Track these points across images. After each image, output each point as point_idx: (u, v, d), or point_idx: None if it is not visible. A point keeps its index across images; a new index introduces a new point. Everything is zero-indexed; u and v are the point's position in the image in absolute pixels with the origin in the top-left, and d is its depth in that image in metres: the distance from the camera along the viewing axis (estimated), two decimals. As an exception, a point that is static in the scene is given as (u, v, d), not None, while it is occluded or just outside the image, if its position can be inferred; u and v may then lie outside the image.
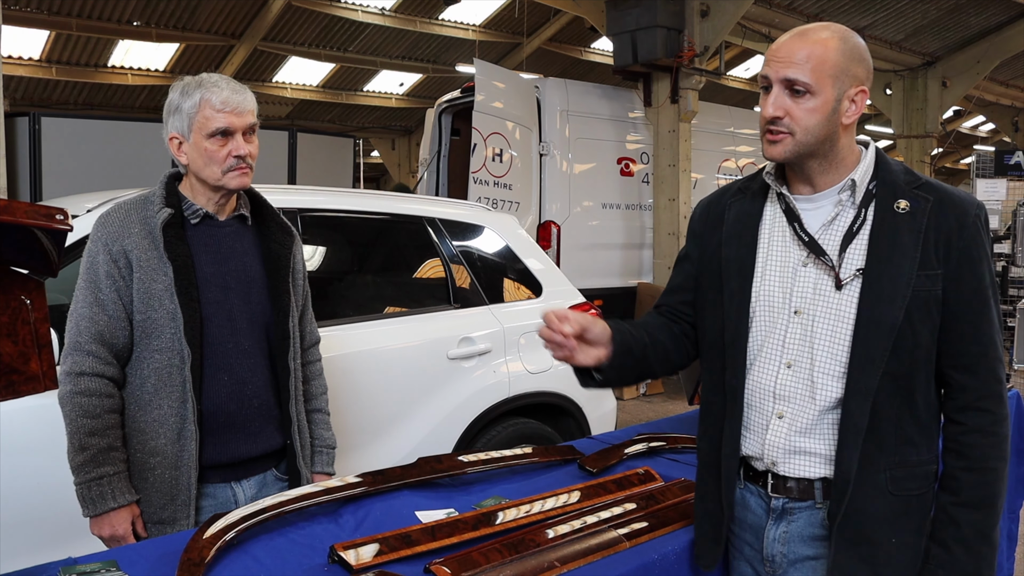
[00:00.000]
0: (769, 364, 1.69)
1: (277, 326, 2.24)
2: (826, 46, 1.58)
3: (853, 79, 1.59)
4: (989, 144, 22.46)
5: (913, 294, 1.55)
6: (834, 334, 1.61)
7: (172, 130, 2.15)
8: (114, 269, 2.08)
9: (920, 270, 1.56)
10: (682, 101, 8.97)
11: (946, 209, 1.57)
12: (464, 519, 1.93)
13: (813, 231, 1.65)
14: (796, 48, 1.59)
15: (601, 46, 14.73)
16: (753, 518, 1.76)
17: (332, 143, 10.03)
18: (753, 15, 10.42)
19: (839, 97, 1.59)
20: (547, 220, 8.08)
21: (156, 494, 2.11)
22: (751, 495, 1.75)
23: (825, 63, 1.57)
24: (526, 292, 4.08)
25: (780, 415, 1.67)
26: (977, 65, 13.46)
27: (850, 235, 1.62)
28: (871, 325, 1.57)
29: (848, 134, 1.64)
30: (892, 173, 1.64)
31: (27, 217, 1.30)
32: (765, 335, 1.69)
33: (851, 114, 1.60)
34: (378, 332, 3.53)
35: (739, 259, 1.73)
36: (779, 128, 1.60)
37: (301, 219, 3.36)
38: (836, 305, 1.61)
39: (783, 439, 1.66)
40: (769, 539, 1.72)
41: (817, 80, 1.57)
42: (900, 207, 1.59)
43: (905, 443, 1.60)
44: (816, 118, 1.58)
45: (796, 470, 1.66)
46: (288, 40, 13.52)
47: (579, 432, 3.97)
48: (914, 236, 1.57)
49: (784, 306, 1.67)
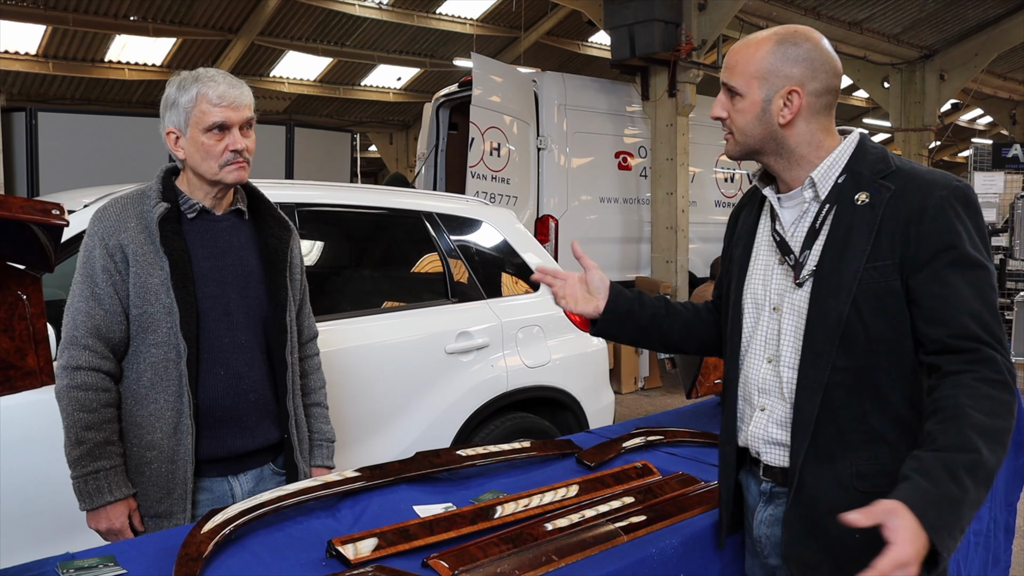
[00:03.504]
0: (755, 359, 1.76)
1: (274, 320, 2.24)
2: (757, 49, 1.63)
3: (785, 80, 1.61)
4: (987, 137, 22.46)
5: (860, 287, 1.55)
6: (796, 330, 1.65)
7: (169, 125, 2.14)
8: (110, 263, 2.08)
9: (869, 262, 1.55)
10: (680, 95, 8.96)
11: (907, 196, 1.55)
12: (462, 513, 1.93)
13: (786, 229, 1.70)
14: (732, 53, 1.68)
15: (599, 40, 14.71)
16: (752, 501, 1.82)
17: (330, 137, 10.00)
18: (750, 8, 10.42)
19: (768, 98, 1.62)
20: (545, 214, 8.08)
21: (153, 488, 2.11)
22: (752, 480, 1.81)
23: (751, 66, 1.63)
24: (524, 286, 4.08)
25: (762, 408, 1.73)
26: (975, 58, 13.47)
27: (813, 232, 1.64)
28: (817, 319, 1.60)
29: (795, 132, 1.64)
30: (862, 164, 1.63)
31: (23, 212, 1.30)
32: (752, 332, 1.76)
33: (786, 114, 1.62)
34: (376, 327, 3.52)
35: (740, 259, 1.81)
36: (725, 129, 1.71)
37: (299, 214, 3.35)
38: (798, 302, 1.65)
39: (762, 430, 1.73)
40: (757, 521, 1.79)
41: (745, 83, 1.64)
42: (860, 200, 1.59)
43: (875, 440, 1.59)
44: (746, 118, 1.65)
45: (775, 460, 1.72)
46: (285, 34, 13.50)
47: (577, 426, 3.98)
48: (868, 228, 1.56)
49: (765, 303, 1.74)
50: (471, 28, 13.83)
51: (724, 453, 1.85)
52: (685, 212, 9.16)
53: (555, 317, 4.04)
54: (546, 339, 3.97)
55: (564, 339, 4.04)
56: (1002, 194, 9.72)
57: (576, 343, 4.09)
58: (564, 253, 7.86)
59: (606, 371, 4.31)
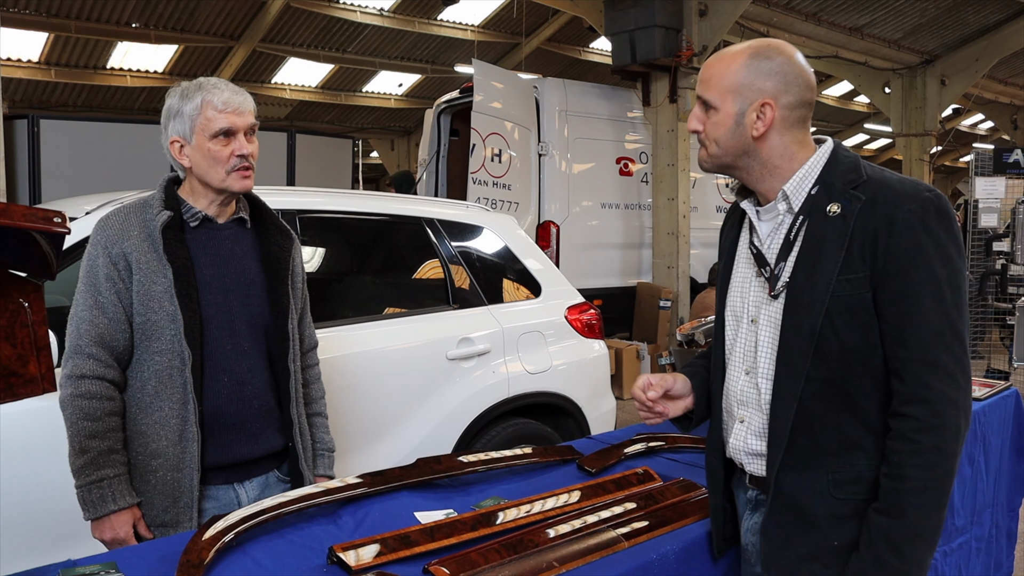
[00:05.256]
0: (734, 371, 1.77)
1: (276, 328, 2.25)
2: (730, 63, 1.64)
3: (758, 93, 1.61)
4: (988, 142, 22.46)
5: (833, 299, 1.55)
6: (772, 342, 1.66)
7: (173, 134, 2.15)
8: (114, 272, 2.09)
9: (841, 275, 1.55)
10: (681, 100, 8.97)
11: (877, 207, 1.55)
12: (463, 520, 1.93)
13: (763, 241, 1.71)
14: (707, 67, 1.69)
15: (599, 46, 14.72)
16: (741, 509, 1.84)
17: (331, 144, 10.02)
18: (751, 14, 10.43)
19: (742, 111, 1.62)
20: (546, 220, 8.08)
21: (158, 496, 2.11)
22: (740, 489, 1.83)
23: (724, 79, 1.64)
24: (525, 292, 4.08)
25: (741, 419, 1.74)
26: (976, 63, 13.47)
27: (787, 244, 1.65)
28: (791, 332, 1.61)
29: (768, 145, 1.64)
30: (834, 174, 1.62)
31: (24, 220, 1.30)
32: (732, 343, 1.78)
33: (760, 126, 1.62)
34: (377, 333, 3.53)
35: (722, 272, 1.83)
36: (700, 141, 1.71)
37: (300, 220, 3.36)
38: (773, 314, 1.66)
39: (742, 442, 1.74)
40: (744, 529, 1.82)
41: (719, 96, 1.64)
42: (831, 211, 1.59)
43: (851, 448, 1.60)
44: (720, 131, 1.66)
45: (757, 470, 1.73)
46: (287, 41, 13.51)
47: (578, 432, 3.98)
48: (839, 240, 1.56)
49: (743, 315, 1.75)
50: (472, 34, 13.85)
51: (711, 465, 1.86)
52: (686, 218, 9.16)
53: (556, 323, 4.04)
54: (547, 345, 3.96)
55: (565, 345, 4.04)
56: (1003, 199, 9.70)
57: (577, 349, 4.09)
58: (565, 259, 7.86)
59: (607, 377, 4.31)
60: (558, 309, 4.11)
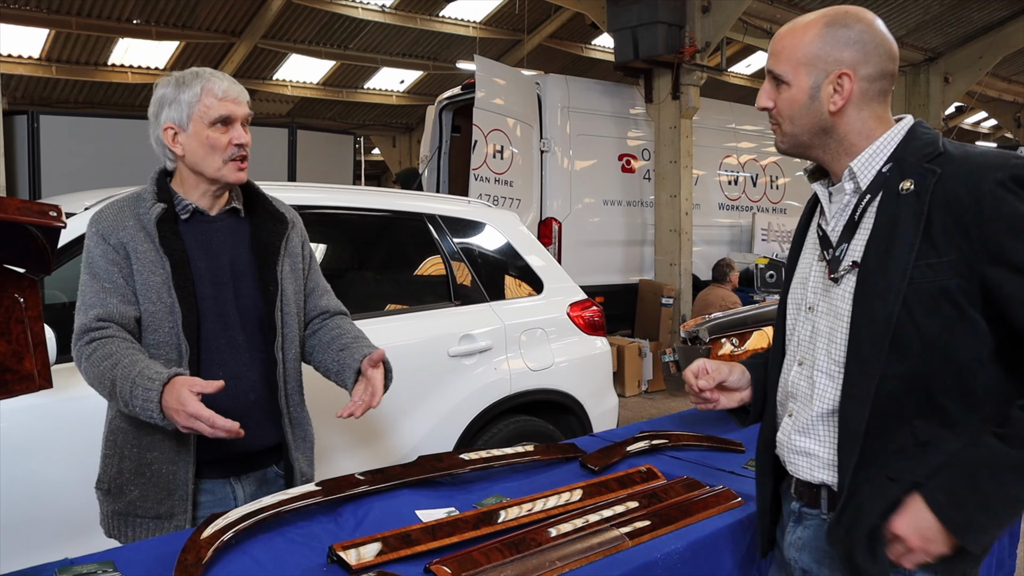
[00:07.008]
0: (788, 361, 1.68)
1: (268, 318, 2.22)
2: (804, 33, 1.54)
3: (835, 64, 1.50)
4: (991, 140, 22.42)
5: (911, 287, 1.41)
6: (832, 332, 1.54)
7: (167, 121, 2.13)
8: (116, 256, 2.07)
9: (920, 259, 1.40)
10: (683, 97, 8.96)
11: (956, 182, 1.40)
12: (465, 518, 1.91)
13: (829, 223, 1.60)
14: (778, 39, 1.58)
15: (602, 42, 14.70)
16: (785, 516, 1.74)
17: (332, 140, 10.00)
18: (754, 11, 10.39)
19: (817, 84, 1.52)
20: (548, 217, 8.08)
21: (154, 489, 2.10)
22: (786, 498, 1.73)
23: (797, 52, 1.53)
24: (527, 289, 4.06)
25: (790, 413, 1.65)
26: (979, 61, 13.44)
27: (851, 224, 1.53)
28: (863, 323, 1.46)
29: (846, 120, 1.53)
30: (909, 150, 1.49)
31: (20, 214, 1.29)
32: (791, 333, 1.68)
33: (837, 100, 1.51)
34: (379, 329, 3.48)
35: (790, 259, 1.74)
36: (773, 120, 1.61)
37: (301, 216, 3.33)
38: (835, 301, 1.54)
39: (787, 437, 1.65)
40: (787, 543, 1.71)
41: (791, 69, 1.54)
42: (904, 188, 1.45)
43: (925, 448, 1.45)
44: (795, 108, 1.55)
45: (800, 471, 1.62)
46: (288, 38, 13.51)
47: (581, 429, 3.96)
48: (914, 220, 1.42)
49: (802, 302, 1.65)
50: (474, 31, 13.84)
51: (760, 460, 1.75)
52: (689, 215, 9.15)
53: (558, 320, 4.02)
54: (549, 342, 3.95)
55: (568, 342, 4.03)
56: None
57: (579, 346, 4.07)
58: (567, 256, 7.85)
59: (610, 374, 4.30)
60: (560, 306, 4.09)
